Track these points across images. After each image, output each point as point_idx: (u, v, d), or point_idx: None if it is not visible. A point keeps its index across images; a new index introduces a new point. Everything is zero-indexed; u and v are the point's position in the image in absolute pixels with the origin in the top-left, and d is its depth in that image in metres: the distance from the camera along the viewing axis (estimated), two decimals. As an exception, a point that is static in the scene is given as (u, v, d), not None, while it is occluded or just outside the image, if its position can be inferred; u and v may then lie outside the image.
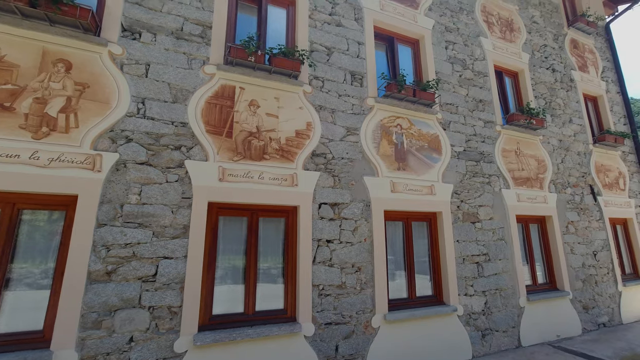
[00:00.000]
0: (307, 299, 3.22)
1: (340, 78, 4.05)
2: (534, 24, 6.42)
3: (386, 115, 4.21)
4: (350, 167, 3.83)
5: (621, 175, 6.60)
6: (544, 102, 5.98)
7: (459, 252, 4.27)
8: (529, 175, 5.27)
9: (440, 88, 4.80)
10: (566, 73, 6.54)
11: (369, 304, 3.53)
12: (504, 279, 4.50)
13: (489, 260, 4.47)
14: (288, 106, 3.60)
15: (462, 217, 4.43)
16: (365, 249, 3.67)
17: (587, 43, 7.19)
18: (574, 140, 6.15)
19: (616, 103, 7.26)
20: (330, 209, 3.60)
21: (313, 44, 3.98)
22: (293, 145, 3.53)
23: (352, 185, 3.78)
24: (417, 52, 4.93)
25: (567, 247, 5.35)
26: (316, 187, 3.57)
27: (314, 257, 3.39)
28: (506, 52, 5.74)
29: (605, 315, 5.39)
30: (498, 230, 4.68)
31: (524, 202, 5.05)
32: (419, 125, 4.42)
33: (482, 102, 5.16)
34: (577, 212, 5.68)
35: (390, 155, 4.08)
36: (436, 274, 4.16)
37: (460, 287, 4.13)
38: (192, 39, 3.29)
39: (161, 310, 2.65)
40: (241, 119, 3.33)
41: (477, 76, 5.26)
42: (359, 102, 4.09)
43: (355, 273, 3.56)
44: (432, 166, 4.34)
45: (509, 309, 4.42)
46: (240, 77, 3.39)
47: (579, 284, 5.26)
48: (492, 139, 5.07)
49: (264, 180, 3.29)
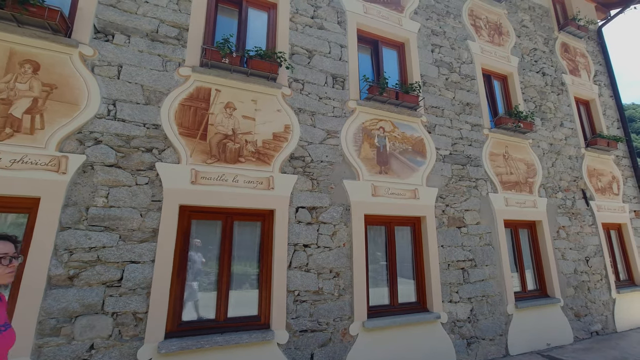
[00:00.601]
0: (281, 305, 3.14)
1: (321, 81, 4.01)
2: (523, 27, 6.40)
3: (368, 118, 4.16)
4: (330, 171, 3.77)
5: (615, 180, 6.49)
6: (533, 105, 5.92)
7: (444, 257, 4.17)
8: (518, 179, 5.19)
9: (426, 91, 4.76)
10: (557, 77, 6.49)
11: (347, 311, 3.44)
12: (491, 286, 4.39)
13: (475, 266, 4.37)
14: (266, 109, 3.56)
15: (448, 221, 4.34)
16: (344, 254, 3.59)
17: (579, 47, 7.15)
18: (566, 144, 6.08)
19: (609, 107, 7.18)
20: (308, 212, 3.54)
21: (294, 46, 3.96)
22: (270, 148, 3.48)
23: (332, 188, 3.72)
24: (402, 55, 4.90)
25: (558, 253, 5.24)
26: (293, 190, 3.51)
27: (290, 262, 3.31)
28: (494, 56, 5.70)
29: (598, 323, 5.25)
30: (485, 235, 4.59)
31: (512, 206, 4.96)
32: (403, 128, 4.37)
33: (469, 105, 5.11)
34: (568, 217, 5.58)
35: (372, 158, 4.02)
36: (420, 280, 4.06)
37: (444, 294, 4.03)
38: (168, 41, 3.27)
39: (125, 317, 2.58)
40: (216, 122, 3.28)
41: (465, 79, 5.22)
42: (341, 104, 4.05)
43: (333, 279, 3.47)
44: (416, 170, 4.27)
45: (496, 317, 4.31)
46: (217, 80, 3.36)
47: (570, 291, 5.13)
48: (480, 143, 5.00)
49: (239, 184, 3.23)
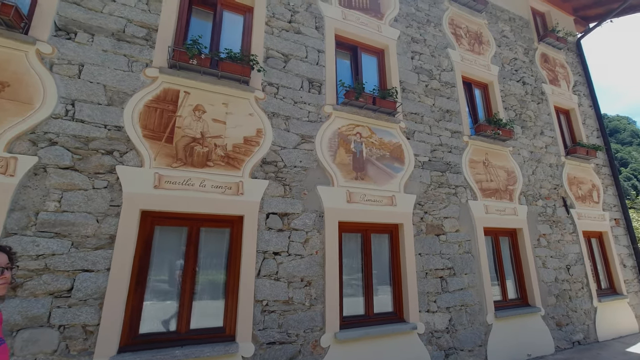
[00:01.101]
0: (247, 315, 3.00)
1: (296, 85, 3.96)
2: (504, 37, 6.51)
3: (345, 124, 4.11)
4: (304, 176, 3.68)
5: (595, 188, 6.55)
6: (514, 113, 5.97)
7: (422, 265, 4.09)
8: (498, 187, 5.17)
9: (405, 97, 4.75)
10: (537, 86, 6.58)
11: (318, 322, 3.31)
12: (470, 295, 4.31)
13: (454, 275, 4.29)
14: (237, 112, 3.48)
15: (426, 229, 4.28)
16: (317, 262, 3.48)
17: (558, 58, 7.30)
18: (546, 152, 6.12)
19: (589, 116, 7.31)
20: (279, 219, 3.43)
21: (269, 50, 3.91)
22: (240, 152, 3.38)
23: (305, 194, 3.63)
24: (382, 61, 4.90)
25: (539, 261, 5.20)
26: (264, 196, 3.40)
27: (259, 271, 3.19)
28: (475, 64, 5.76)
29: (580, 332, 5.20)
30: (464, 243, 4.53)
31: (492, 214, 4.92)
32: (381, 134, 4.33)
33: (449, 112, 5.12)
34: (549, 224, 5.57)
35: (347, 164, 3.95)
36: (397, 290, 3.96)
37: (422, 303, 3.93)
38: (135, 41, 3.18)
39: (74, 330, 2.41)
40: (184, 124, 3.18)
41: (445, 87, 5.24)
42: (316, 109, 3.99)
43: (305, 288, 3.35)
44: (393, 176, 4.22)
45: (475, 327, 4.21)
46: (186, 82, 3.27)
47: (551, 300, 5.09)
48: (460, 150, 4.99)
49: (206, 188, 3.12)
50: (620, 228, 6.67)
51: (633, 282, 6.36)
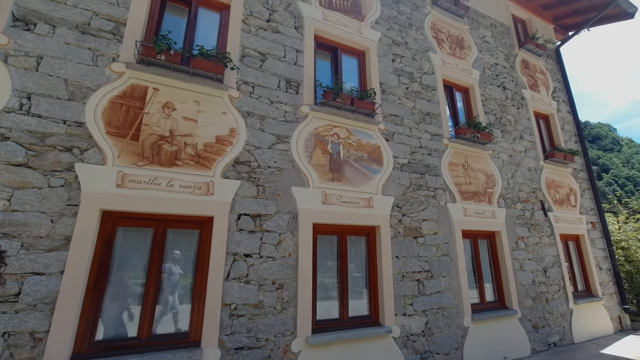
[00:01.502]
0: (214, 319, 2.89)
1: (273, 84, 3.90)
2: (485, 43, 6.60)
3: (322, 124, 4.06)
4: (278, 177, 3.61)
5: (572, 192, 6.68)
6: (494, 117, 6.05)
7: (398, 268, 4.05)
8: (477, 190, 5.21)
9: (385, 99, 4.74)
10: (517, 91, 6.70)
11: (290, 326, 3.23)
12: (447, 298, 4.30)
13: (432, 278, 4.27)
14: (210, 110, 3.39)
15: (404, 231, 4.25)
16: (290, 264, 3.40)
17: (538, 64, 7.46)
18: (525, 156, 6.21)
19: (567, 122, 7.47)
20: (252, 220, 3.34)
21: (245, 48, 3.84)
22: (212, 152, 3.29)
23: (279, 195, 3.55)
24: (362, 63, 4.89)
25: (517, 264, 5.25)
26: (236, 196, 3.31)
27: (228, 273, 3.09)
28: (456, 68, 5.81)
29: (556, 334, 5.25)
30: (443, 246, 4.52)
31: (471, 216, 4.94)
32: (359, 136, 4.30)
33: (429, 114, 5.13)
34: (527, 227, 5.64)
35: (323, 165, 3.90)
36: (373, 293, 3.91)
37: (398, 307, 3.89)
38: (101, 34, 3.06)
39: (20, 337, 2.26)
40: (152, 122, 3.08)
41: (425, 89, 5.26)
42: (293, 109, 3.94)
43: (276, 291, 3.27)
44: (371, 177, 4.18)
45: (452, 330, 4.20)
46: (155, 78, 3.17)
47: (528, 302, 5.13)
48: (439, 152, 5.01)
49: (174, 188, 3.01)
50: (597, 231, 6.81)
51: (608, 285, 6.49)
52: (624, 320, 6.36)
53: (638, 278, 6.91)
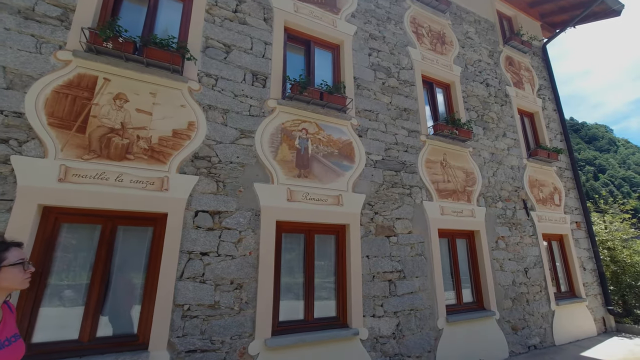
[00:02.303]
0: (164, 321, 2.75)
1: (238, 77, 3.76)
2: (468, 39, 6.49)
3: (290, 119, 3.93)
4: (240, 173, 3.47)
5: (556, 191, 6.57)
6: (476, 114, 5.93)
7: (369, 268, 3.92)
8: (456, 188, 5.08)
9: (359, 94, 4.62)
10: (501, 88, 6.59)
11: (248, 327, 3.09)
12: (420, 298, 4.17)
13: (404, 278, 4.14)
14: (167, 103, 3.25)
15: (376, 230, 4.12)
16: (250, 263, 3.26)
17: (523, 61, 7.36)
18: (508, 154, 6.10)
19: (553, 120, 7.37)
20: (210, 217, 3.20)
21: (209, 39, 3.70)
22: (168, 146, 3.15)
23: (240, 192, 3.41)
24: (337, 57, 4.76)
25: (496, 264, 5.13)
26: (193, 192, 3.17)
27: (182, 272, 2.95)
28: (436, 64, 5.70)
29: (536, 336, 5.13)
30: (417, 245, 4.39)
31: (448, 215, 4.82)
32: (330, 131, 4.17)
33: (406, 110, 5.01)
34: (508, 227, 5.52)
35: (290, 160, 3.76)
36: (341, 293, 3.78)
37: (367, 308, 3.76)
38: (47, 20, 2.92)
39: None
40: (101, 114, 2.93)
41: (403, 85, 5.14)
42: (259, 103, 3.80)
43: (235, 291, 3.13)
44: (341, 174, 4.05)
45: (424, 332, 4.07)
46: (106, 67, 3.03)
47: (507, 303, 5.00)
48: (416, 149, 4.88)
49: (124, 183, 2.87)
50: (581, 231, 6.71)
51: (593, 285, 6.38)
52: (608, 322, 6.26)
53: (624, 279, 6.80)
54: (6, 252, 1.22)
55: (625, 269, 6.82)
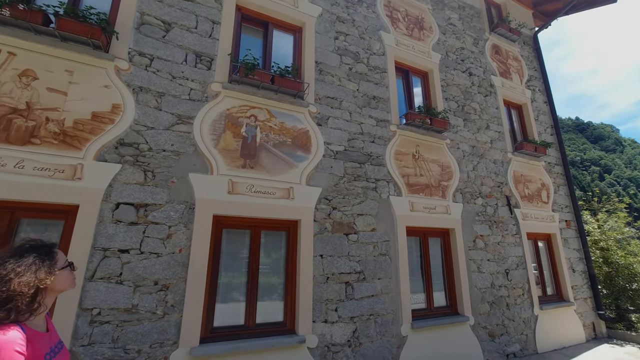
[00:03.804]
0: (66, 327, 2.41)
1: (178, 58, 3.42)
2: (450, 25, 6.09)
3: (237, 104, 3.58)
4: (174, 162, 3.13)
5: (544, 187, 6.15)
6: (456, 104, 5.54)
7: (322, 269, 3.56)
8: (429, 182, 4.70)
9: (321, 80, 4.25)
10: (485, 78, 6.18)
11: (172, 334, 2.75)
12: (382, 302, 3.80)
13: (364, 280, 3.77)
14: (87, 83, 2.92)
15: (332, 227, 3.76)
16: (179, 261, 2.92)
17: (512, 50, 6.93)
18: (491, 147, 5.70)
19: (543, 112, 6.94)
20: (134, 210, 2.87)
21: (145, 15, 3.36)
22: (85, 130, 2.82)
23: (173, 183, 3.07)
24: (299, 40, 4.40)
25: (473, 265, 4.74)
26: (114, 182, 2.84)
27: (94, 272, 2.61)
28: (412, 50, 5.31)
29: (516, 343, 4.73)
30: (381, 244, 4.02)
31: (419, 211, 4.44)
32: (283, 118, 3.81)
33: (376, 98, 4.64)
34: (488, 225, 5.12)
35: (234, 150, 3.42)
36: (289, 296, 3.42)
37: (318, 312, 3.40)
38: (-57, -11, 2.60)
39: None
40: (1, 91, 2.61)
41: (373, 71, 4.76)
42: (202, 87, 3.46)
43: (158, 293, 2.79)
44: (294, 165, 3.70)
45: (385, 339, 3.70)
46: (11, 40, 2.70)
47: (485, 308, 4.61)
48: (385, 140, 4.51)
49: (25, 170, 2.54)
50: (572, 230, 6.28)
51: (582, 288, 5.96)
52: (599, 328, 5.83)
53: (618, 281, 6.37)
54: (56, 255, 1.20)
55: (619, 271, 6.38)
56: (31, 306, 1.05)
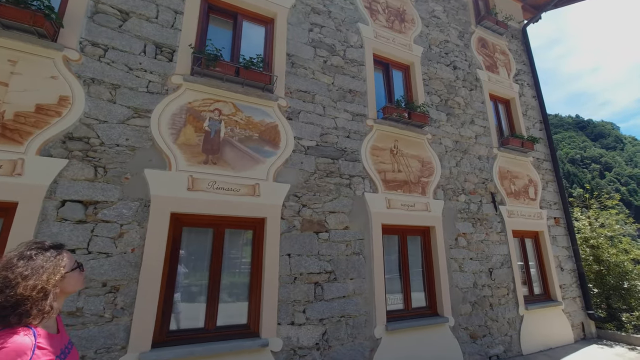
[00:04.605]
0: None
1: (136, 49, 3.27)
2: (434, 18, 5.93)
3: (199, 98, 3.42)
4: (129, 157, 2.97)
5: (532, 184, 5.99)
6: (438, 99, 5.37)
7: (289, 268, 3.40)
8: (408, 178, 4.54)
9: (293, 73, 4.09)
10: (471, 72, 6.01)
11: (120, 339, 2.59)
12: (354, 303, 3.64)
13: (335, 280, 3.62)
14: (31, 73, 2.76)
15: (302, 225, 3.60)
16: (131, 262, 2.76)
17: (499, 44, 6.76)
18: (476, 142, 5.53)
19: (532, 107, 6.77)
20: (82, 208, 2.71)
21: (99, 4, 3.21)
22: (27, 123, 2.66)
23: (127, 179, 2.92)
24: (270, 32, 4.24)
25: (454, 264, 4.57)
26: (60, 179, 2.69)
27: (34, 274, 2.46)
28: (393, 43, 5.15)
29: (500, 345, 4.57)
30: (354, 243, 3.86)
31: (396, 209, 4.28)
32: (250, 112, 3.65)
33: (352, 92, 4.48)
34: (471, 222, 4.96)
35: (195, 144, 3.26)
36: (254, 297, 3.27)
37: (284, 314, 3.24)
38: None
39: None
40: None
41: (350, 64, 4.60)
42: (161, 79, 3.30)
43: (107, 295, 2.63)
44: (260, 161, 3.54)
45: (357, 342, 3.54)
46: (-52, 30, 2.56)
47: (466, 308, 4.45)
48: (361, 135, 4.35)
49: (-41, 166, 2.39)
50: (560, 227, 6.11)
51: (571, 287, 5.79)
52: (588, 328, 5.66)
53: (608, 279, 6.20)
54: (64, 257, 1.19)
55: (610, 269, 6.21)
56: (42, 310, 1.04)
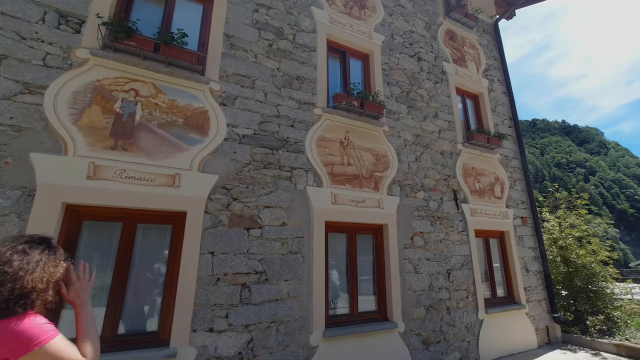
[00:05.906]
0: None
1: (32, 16, 2.87)
2: (398, 7, 5.66)
3: (112, 75, 3.04)
4: (12, 138, 2.57)
5: (498, 181, 5.76)
6: (399, 90, 5.09)
7: (211, 268, 3.04)
8: (359, 172, 4.23)
9: (231, 55, 3.74)
10: (437, 64, 5.76)
11: (-18, 352, 2.18)
12: (288, 307, 3.30)
13: (266, 281, 3.27)
14: None
15: (230, 220, 3.24)
16: None
17: (469, 37, 6.54)
18: (439, 137, 5.27)
19: (501, 103, 6.57)
20: (-55, 197, 2.31)
21: (-10, -35, 2.81)
22: None
23: (7, 164, 2.52)
24: (209, 10, 3.89)
25: (408, 265, 4.27)
26: None
27: None
28: (350, 29, 4.85)
29: (455, 351, 4.28)
30: (292, 241, 3.52)
31: (344, 205, 3.96)
32: (174, 95, 3.28)
33: (299, 79, 4.15)
34: (430, 221, 4.68)
35: (102, 127, 2.87)
36: (168, 301, 2.89)
37: (201, 320, 2.87)
38: None
39: None
40: None
41: (299, 49, 4.28)
42: (63, 52, 2.91)
43: (-31, 300, 2.22)
44: (184, 149, 3.17)
45: (289, 350, 3.19)
46: None
47: (420, 312, 4.15)
48: (307, 124, 4.02)
49: None
50: (528, 227, 5.90)
51: (537, 290, 5.57)
52: (553, 332, 5.44)
53: (576, 281, 6.00)
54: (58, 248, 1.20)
55: (578, 271, 6.02)
56: (46, 300, 1.06)
